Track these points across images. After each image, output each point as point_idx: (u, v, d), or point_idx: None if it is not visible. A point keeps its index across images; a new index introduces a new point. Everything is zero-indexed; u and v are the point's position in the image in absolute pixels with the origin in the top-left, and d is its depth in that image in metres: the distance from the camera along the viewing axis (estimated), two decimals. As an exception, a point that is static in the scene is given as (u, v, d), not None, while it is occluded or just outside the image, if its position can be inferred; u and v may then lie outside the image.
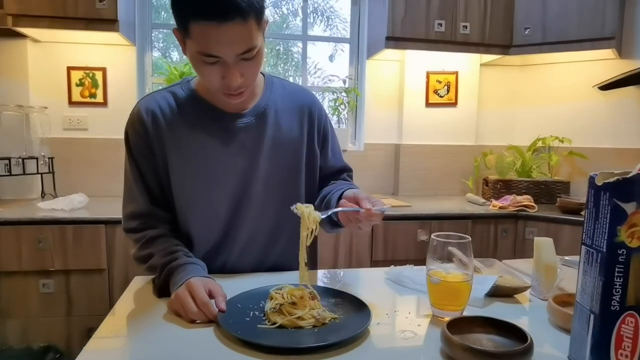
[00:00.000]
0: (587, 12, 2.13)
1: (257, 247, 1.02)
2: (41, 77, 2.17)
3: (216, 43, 0.79)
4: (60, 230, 1.69)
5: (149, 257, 0.92)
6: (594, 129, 2.42)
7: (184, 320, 0.75)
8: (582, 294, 0.65)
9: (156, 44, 2.60)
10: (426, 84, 2.52)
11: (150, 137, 0.93)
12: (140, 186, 0.96)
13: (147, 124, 0.93)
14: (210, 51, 0.80)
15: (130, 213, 0.97)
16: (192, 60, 0.85)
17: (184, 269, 0.85)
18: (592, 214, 0.64)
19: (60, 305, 1.73)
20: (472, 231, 2.04)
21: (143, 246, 0.94)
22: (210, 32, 0.78)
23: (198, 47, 0.81)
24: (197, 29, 0.79)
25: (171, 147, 0.94)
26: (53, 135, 2.20)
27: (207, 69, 0.84)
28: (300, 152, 1.03)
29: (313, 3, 2.71)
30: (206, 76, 0.86)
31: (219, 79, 0.85)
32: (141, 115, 0.94)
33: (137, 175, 0.96)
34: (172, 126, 0.94)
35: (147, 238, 0.94)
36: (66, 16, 1.87)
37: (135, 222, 0.96)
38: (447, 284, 0.78)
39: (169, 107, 0.95)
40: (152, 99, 0.96)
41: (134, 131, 0.95)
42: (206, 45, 0.80)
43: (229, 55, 0.81)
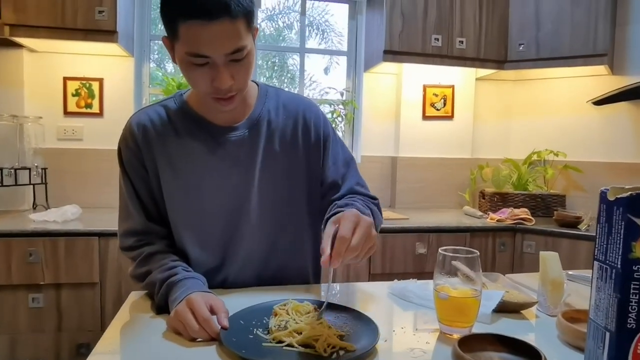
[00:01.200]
0: (579, 29, 2.18)
1: (257, 261, 0.99)
2: (37, 87, 2.15)
3: (204, 42, 0.78)
4: (52, 243, 1.65)
5: (146, 274, 0.90)
6: (588, 143, 2.45)
7: (185, 339, 0.73)
8: (596, 311, 0.64)
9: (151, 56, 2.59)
10: (423, 97, 2.54)
11: (142, 153, 0.92)
12: (135, 203, 0.94)
13: (138, 140, 0.92)
14: (199, 51, 0.78)
15: (126, 231, 0.94)
16: (181, 66, 0.83)
17: (183, 285, 0.83)
18: (605, 229, 0.63)
19: (50, 320, 1.68)
20: (471, 244, 2.03)
21: (140, 264, 0.91)
22: (199, 31, 0.77)
23: (186, 47, 0.79)
24: (185, 29, 0.77)
25: (163, 162, 0.92)
26: (47, 146, 2.16)
27: (196, 72, 0.82)
28: (297, 163, 0.99)
29: (309, 17, 2.73)
30: (195, 80, 0.83)
31: (209, 83, 0.82)
32: (133, 131, 0.92)
33: (132, 191, 0.94)
34: (163, 140, 0.92)
35: (144, 255, 0.91)
36: (65, 27, 1.86)
37: (132, 239, 0.93)
38: (455, 300, 0.77)
39: (161, 121, 0.93)
40: (144, 114, 0.95)
41: (126, 147, 0.93)
42: (194, 44, 0.78)
43: (218, 55, 0.79)
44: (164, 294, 0.84)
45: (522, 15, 2.30)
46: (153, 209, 0.95)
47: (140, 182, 0.94)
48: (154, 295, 0.87)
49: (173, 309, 0.77)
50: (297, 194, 1.00)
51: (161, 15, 0.82)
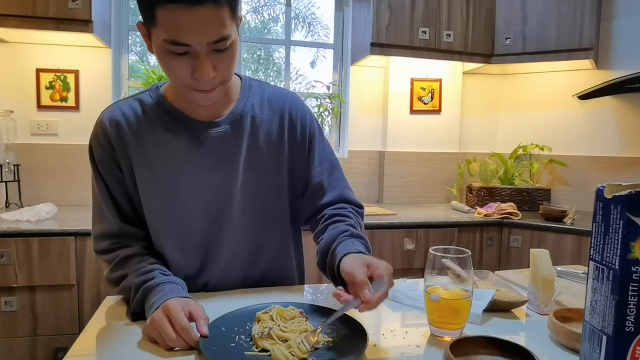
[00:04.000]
0: (565, 23, 2.18)
1: (239, 265, 0.95)
2: (8, 79, 2.05)
3: (186, 29, 0.70)
4: (25, 243, 1.57)
5: (122, 278, 0.84)
6: (572, 137, 2.46)
7: (162, 348, 0.68)
8: (592, 313, 0.61)
9: (133, 48, 2.50)
10: (410, 90, 2.51)
11: (116, 151, 0.86)
12: (108, 204, 0.88)
13: (111, 137, 0.85)
14: (179, 38, 0.71)
15: (100, 233, 0.89)
16: (158, 54, 0.76)
17: (160, 290, 0.78)
18: (601, 228, 0.61)
19: (24, 324, 1.61)
20: (459, 239, 2.02)
21: (115, 267, 0.86)
22: (179, 17, 0.70)
23: (165, 34, 0.72)
24: (163, 13, 0.70)
25: (138, 160, 0.86)
26: (20, 141, 2.06)
27: (176, 61, 0.75)
28: (281, 161, 0.94)
29: (294, 9, 2.67)
30: (174, 70, 0.76)
31: (189, 74, 0.76)
32: (105, 127, 0.86)
33: (105, 192, 0.88)
34: (138, 137, 0.86)
35: (119, 258, 0.86)
36: (36, 15, 1.77)
37: (106, 242, 0.88)
38: (447, 301, 0.74)
39: (135, 116, 0.87)
40: (117, 109, 0.88)
41: (98, 144, 0.87)
42: (174, 31, 0.71)
43: (200, 44, 0.73)
44: (140, 300, 0.79)
45: (508, 9, 2.29)
46: (129, 210, 0.90)
47: (114, 182, 0.88)
48: (130, 300, 0.82)
49: (149, 316, 0.72)
50: (281, 193, 0.96)
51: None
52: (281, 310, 0.74)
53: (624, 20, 2.26)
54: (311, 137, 0.98)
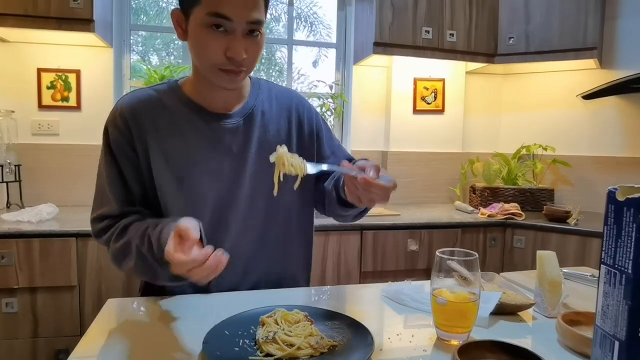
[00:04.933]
0: (569, 23, 2.16)
1: (242, 256, 0.95)
2: (9, 79, 2.04)
3: (231, 3, 0.78)
4: (26, 244, 1.56)
5: (125, 246, 0.83)
6: (576, 137, 2.45)
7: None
8: (604, 317, 0.60)
9: (135, 47, 2.49)
10: (413, 90, 2.50)
11: (133, 136, 0.88)
12: (116, 186, 0.89)
13: (129, 122, 0.88)
14: (223, 10, 0.78)
15: (100, 215, 0.90)
16: (196, 32, 0.81)
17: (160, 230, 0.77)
18: (613, 232, 0.59)
19: (25, 326, 1.59)
20: (462, 240, 2.01)
21: (117, 238, 0.86)
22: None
23: (210, 7, 0.78)
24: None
25: (154, 146, 0.88)
26: (21, 141, 2.05)
27: (212, 38, 0.80)
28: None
29: (297, 9, 2.65)
30: (209, 47, 0.80)
31: (222, 52, 0.80)
32: (123, 113, 0.89)
33: (115, 173, 0.89)
34: (154, 124, 0.89)
35: (120, 227, 0.86)
36: (37, 15, 1.76)
37: (105, 221, 0.89)
38: (453, 305, 0.73)
39: (152, 104, 0.90)
40: (134, 96, 0.91)
41: (115, 128, 0.89)
42: (220, 4, 0.77)
43: (240, 21, 0.79)
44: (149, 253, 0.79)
45: (511, 8, 2.27)
46: (137, 192, 0.91)
47: (127, 164, 0.89)
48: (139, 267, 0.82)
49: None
50: (286, 187, 0.96)
51: None
52: (286, 314, 0.73)
53: (628, 19, 2.24)
54: (318, 131, 1.03)
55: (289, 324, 0.71)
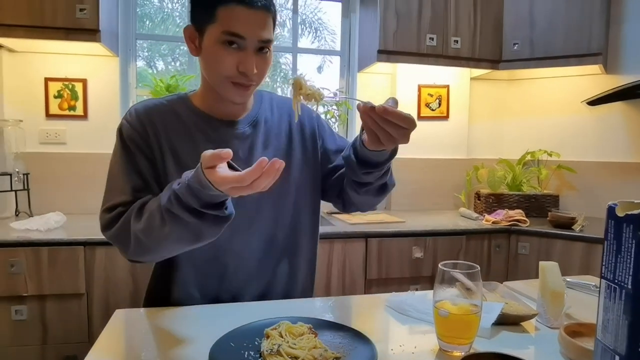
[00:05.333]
0: (573, 28, 2.16)
1: (249, 262, 0.97)
2: (17, 89, 2.07)
3: (244, 23, 0.85)
4: (35, 253, 1.58)
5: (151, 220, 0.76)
6: (581, 142, 2.44)
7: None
8: (604, 332, 0.61)
9: (141, 53, 2.52)
10: (418, 97, 2.50)
11: (148, 135, 0.92)
12: (130, 179, 0.88)
13: (144, 122, 0.92)
14: (238, 30, 0.84)
15: (112, 205, 0.86)
16: (209, 49, 0.87)
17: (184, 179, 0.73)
18: (613, 247, 0.60)
19: (34, 333, 1.62)
20: (467, 247, 2.01)
21: (137, 217, 0.80)
22: (240, 14, 0.84)
23: (224, 27, 0.84)
24: (226, 11, 0.84)
25: (167, 149, 0.92)
26: (28, 150, 2.08)
27: (226, 54, 0.86)
28: (290, 158, 1.02)
29: (301, 15, 2.68)
30: (222, 62, 0.86)
31: (234, 66, 0.87)
32: (139, 113, 0.93)
33: (130, 168, 0.89)
34: (167, 129, 0.93)
35: (136, 208, 0.82)
36: (44, 25, 1.79)
37: (117, 210, 0.85)
38: (456, 317, 0.74)
39: (166, 111, 0.95)
40: (149, 103, 0.96)
41: (130, 127, 0.92)
42: (234, 24, 0.84)
43: (252, 40, 0.86)
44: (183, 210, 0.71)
45: (516, 15, 2.28)
46: (150, 186, 0.90)
47: (141, 158, 0.91)
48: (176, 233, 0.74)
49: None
50: (289, 191, 1.02)
51: (197, 2, 0.88)
52: (290, 327, 0.74)
53: (633, 24, 2.23)
54: (320, 130, 1.08)
55: (293, 336, 0.72)
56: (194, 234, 0.74)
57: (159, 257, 0.86)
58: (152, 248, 0.80)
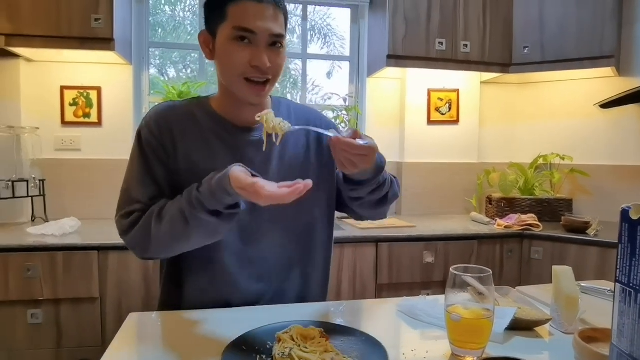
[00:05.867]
0: (585, 31, 2.14)
1: (263, 268, 0.98)
2: (34, 97, 2.12)
3: (254, 17, 0.86)
4: (50, 257, 1.61)
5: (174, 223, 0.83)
6: (594, 146, 2.41)
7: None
8: (620, 336, 0.60)
9: (153, 61, 2.56)
10: (428, 101, 2.50)
11: (165, 140, 0.93)
12: (146, 185, 0.91)
13: (162, 127, 0.94)
14: (248, 24, 0.86)
15: (128, 211, 0.90)
16: (222, 47, 0.89)
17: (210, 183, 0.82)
18: (627, 250, 0.59)
19: (49, 336, 1.64)
20: (479, 252, 1.99)
21: (158, 220, 0.86)
22: (249, 9, 0.86)
23: (235, 22, 0.86)
24: (235, 8, 0.86)
25: (183, 155, 0.93)
26: (45, 157, 2.13)
27: (238, 50, 0.87)
28: (307, 168, 1.01)
29: (311, 21, 2.70)
30: (235, 59, 0.87)
31: (247, 62, 0.87)
32: (158, 117, 0.95)
33: (146, 173, 0.92)
34: (185, 134, 0.94)
35: (155, 212, 0.86)
36: (60, 35, 1.83)
37: (134, 215, 0.89)
38: (468, 321, 0.73)
39: (184, 116, 0.96)
40: (168, 106, 0.98)
41: (149, 131, 0.94)
42: (245, 19, 0.86)
43: (263, 34, 0.87)
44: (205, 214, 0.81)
45: (526, 18, 2.27)
46: (165, 192, 0.93)
47: (158, 165, 0.93)
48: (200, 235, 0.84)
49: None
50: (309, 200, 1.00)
51: (209, 5, 0.90)
52: (301, 330, 0.74)
53: (646, 26, 2.21)
54: None
55: (305, 340, 0.72)
56: (213, 232, 0.85)
57: (178, 253, 0.91)
58: (174, 247, 0.88)
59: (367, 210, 1.05)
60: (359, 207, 1.03)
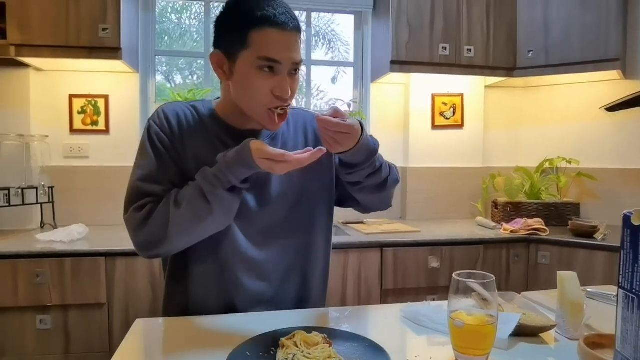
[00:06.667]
0: (589, 34, 2.13)
1: (264, 268, 0.99)
2: (43, 105, 2.16)
3: (280, 48, 0.85)
4: (59, 264, 1.64)
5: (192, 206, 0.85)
6: (600, 149, 2.39)
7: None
8: (623, 343, 0.60)
9: (160, 68, 2.60)
10: (432, 106, 2.50)
11: (175, 136, 0.94)
12: (156, 177, 0.91)
13: (173, 125, 0.94)
14: (274, 55, 0.85)
15: (140, 205, 0.89)
16: (243, 75, 0.88)
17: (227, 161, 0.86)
18: (630, 256, 0.60)
19: (57, 342, 1.66)
20: (484, 257, 1.98)
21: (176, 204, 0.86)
22: (275, 38, 0.85)
23: (259, 52, 0.85)
24: (260, 35, 0.85)
25: (189, 154, 0.94)
26: (53, 164, 2.16)
27: (261, 81, 0.87)
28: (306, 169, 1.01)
29: (315, 27, 2.72)
30: (257, 89, 0.87)
31: (269, 92, 0.88)
32: (167, 115, 0.95)
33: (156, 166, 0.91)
34: (192, 134, 0.95)
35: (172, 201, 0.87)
36: (69, 45, 1.87)
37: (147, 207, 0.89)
38: (471, 327, 0.73)
39: (192, 117, 0.97)
40: (177, 106, 0.98)
41: (159, 126, 0.94)
42: (269, 49, 0.85)
43: (287, 62, 0.87)
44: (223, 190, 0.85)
45: (530, 22, 2.26)
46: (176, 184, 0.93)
47: (169, 160, 0.92)
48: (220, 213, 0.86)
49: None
50: (308, 201, 1.04)
51: (227, 28, 0.89)
52: (305, 336, 0.75)
53: (651, 28, 2.20)
54: None
55: (308, 346, 0.73)
56: (229, 210, 0.88)
57: (193, 242, 0.91)
58: (193, 232, 0.88)
59: (368, 196, 1.04)
60: (359, 192, 1.03)
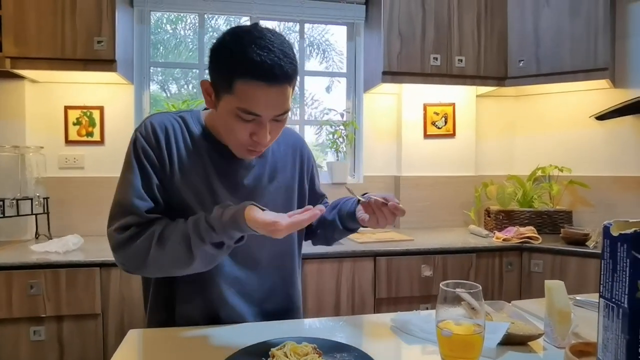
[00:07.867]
0: (579, 43, 2.17)
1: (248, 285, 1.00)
2: (38, 117, 2.17)
3: (261, 103, 0.82)
4: (53, 274, 1.63)
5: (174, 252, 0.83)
6: (592, 157, 2.42)
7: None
8: (605, 350, 0.61)
9: (155, 77, 2.62)
10: (424, 115, 2.53)
11: (162, 150, 0.91)
12: (141, 195, 0.88)
13: (159, 138, 0.92)
14: (254, 109, 0.83)
15: (124, 225, 0.86)
16: (224, 115, 0.86)
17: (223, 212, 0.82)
18: (609, 266, 0.61)
19: (51, 353, 1.65)
20: (477, 265, 1.99)
21: (159, 245, 0.83)
22: (258, 93, 0.81)
23: (240, 104, 0.82)
24: (244, 87, 0.81)
25: (176, 168, 0.92)
26: (49, 175, 2.17)
27: (240, 125, 0.85)
28: (292, 191, 1.07)
29: (309, 37, 2.75)
30: (236, 131, 0.87)
31: (248, 136, 0.87)
32: (154, 128, 0.92)
33: (141, 182, 0.89)
34: (180, 150, 0.94)
35: (156, 238, 0.84)
36: (65, 57, 1.89)
37: (130, 230, 0.86)
38: (458, 337, 0.74)
39: (180, 130, 0.95)
40: (166, 118, 0.95)
41: (147, 142, 0.91)
42: (251, 103, 0.82)
43: (268, 116, 0.85)
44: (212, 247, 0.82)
45: (520, 32, 2.30)
46: (159, 201, 0.91)
47: (153, 175, 0.91)
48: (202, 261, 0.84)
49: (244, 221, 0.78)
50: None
51: (216, 66, 0.85)
52: (295, 347, 0.75)
53: (638, 38, 2.24)
54: (313, 173, 1.16)
55: (298, 356, 0.74)
56: (212, 261, 0.86)
57: (171, 275, 0.92)
58: (170, 271, 0.88)
59: (341, 235, 1.14)
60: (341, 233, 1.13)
